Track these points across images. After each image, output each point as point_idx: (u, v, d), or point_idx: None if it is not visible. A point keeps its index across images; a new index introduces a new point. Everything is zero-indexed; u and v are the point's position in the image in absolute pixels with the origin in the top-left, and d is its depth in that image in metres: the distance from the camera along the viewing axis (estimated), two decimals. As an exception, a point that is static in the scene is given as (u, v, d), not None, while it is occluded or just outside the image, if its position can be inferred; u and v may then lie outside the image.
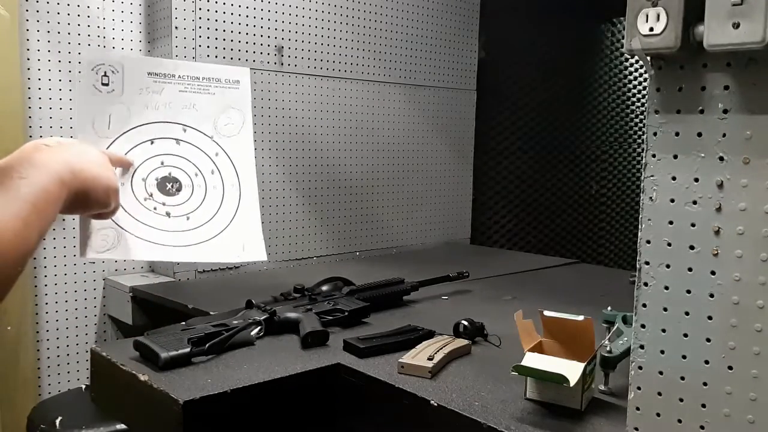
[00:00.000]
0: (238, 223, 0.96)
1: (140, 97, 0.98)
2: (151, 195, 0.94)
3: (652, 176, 0.80)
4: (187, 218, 0.94)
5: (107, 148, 0.95)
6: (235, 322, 1.33)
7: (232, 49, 2.10)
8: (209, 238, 0.94)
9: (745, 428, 0.74)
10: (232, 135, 0.99)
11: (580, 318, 1.08)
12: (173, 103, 0.99)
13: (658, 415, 0.81)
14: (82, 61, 0.99)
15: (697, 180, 0.77)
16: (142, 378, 1.12)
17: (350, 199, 2.48)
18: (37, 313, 1.98)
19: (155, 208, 0.93)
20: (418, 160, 2.69)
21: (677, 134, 0.78)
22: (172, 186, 0.95)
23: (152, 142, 0.97)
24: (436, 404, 1.04)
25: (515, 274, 2.23)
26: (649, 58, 0.79)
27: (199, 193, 0.96)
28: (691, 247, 0.77)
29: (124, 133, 0.97)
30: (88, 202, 0.82)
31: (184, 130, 0.98)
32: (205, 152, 0.98)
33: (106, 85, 0.98)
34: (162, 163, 0.96)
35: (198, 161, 0.97)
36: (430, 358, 1.17)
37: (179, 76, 1.01)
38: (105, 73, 0.98)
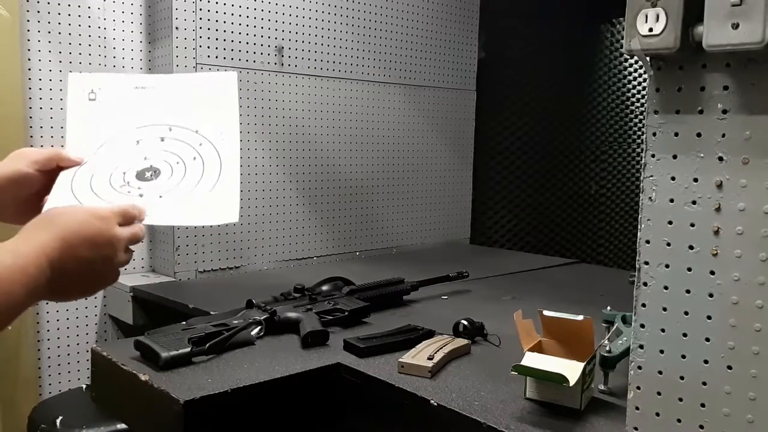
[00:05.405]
0: (214, 195, 0.94)
1: (126, 106, 1.00)
2: (128, 182, 0.94)
3: (651, 176, 0.80)
4: (160, 196, 0.93)
5: (95, 153, 0.95)
6: (236, 321, 1.33)
7: (232, 50, 2.11)
8: (180, 205, 0.93)
9: (745, 428, 0.74)
10: (219, 129, 0.99)
11: (580, 318, 1.08)
12: (159, 108, 1.01)
13: (658, 414, 0.81)
14: (69, 84, 1.01)
15: (696, 180, 0.77)
16: (143, 378, 1.12)
17: (350, 199, 2.48)
18: (37, 313, 1.98)
19: (129, 192, 0.92)
20: (418, 160, 2.69)
21: (676, 134, 0.78)
22: (151, 175, 0.95)
23: (138, 143, 0.98)
24: (436, 404, 1.04)
25: (515, 274, 2.23)
26: (648, 58, 0.79)
27: (177, 176, 0.95)
28: (691, 247, 0.77)
29: (111, 139, 0.98)
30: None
31: (170, 129, 0.99)
32: (189, 144, 0.98)
33: (93, 100, 1.00)
34: (145, 158, 0.97)
35: (181, 152, 0.97)
36: (430, 358, 1.17)
37: (164, 86, 1.03)
38: (92, 90, 1.01)
